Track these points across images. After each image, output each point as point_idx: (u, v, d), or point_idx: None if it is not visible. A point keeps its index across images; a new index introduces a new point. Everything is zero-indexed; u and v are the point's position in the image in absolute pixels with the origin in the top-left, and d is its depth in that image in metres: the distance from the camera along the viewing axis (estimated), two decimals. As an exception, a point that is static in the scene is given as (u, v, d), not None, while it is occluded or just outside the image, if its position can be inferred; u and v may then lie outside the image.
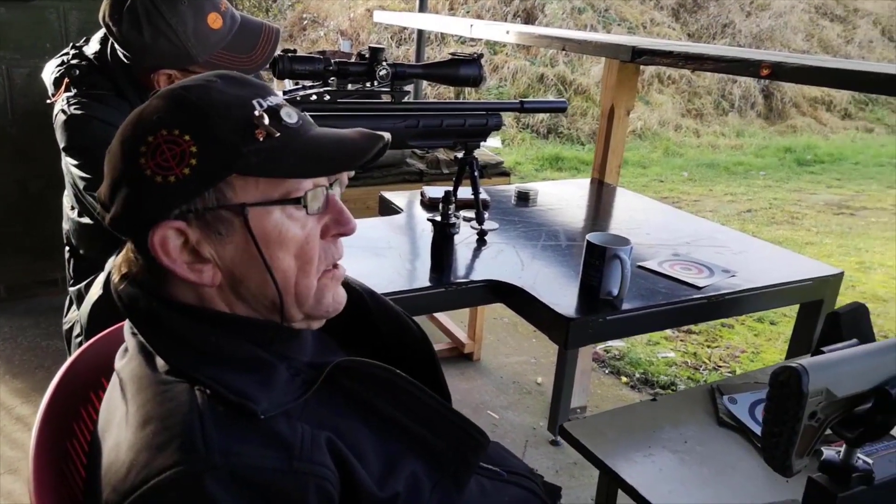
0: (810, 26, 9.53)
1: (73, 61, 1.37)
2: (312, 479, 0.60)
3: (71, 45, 1.42)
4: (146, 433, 0.60)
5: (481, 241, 1.60)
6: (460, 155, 1.57)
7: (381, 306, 0.85)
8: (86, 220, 1.41)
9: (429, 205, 1.85)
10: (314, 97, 1.36)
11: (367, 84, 1.43)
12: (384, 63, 1.41)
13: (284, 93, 1.40)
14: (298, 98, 1.33)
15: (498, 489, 0.84)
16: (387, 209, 1.89)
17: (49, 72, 1.42)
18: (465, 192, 1.66)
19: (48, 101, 1.40)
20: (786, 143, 7.52)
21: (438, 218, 1.43)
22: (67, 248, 1.50)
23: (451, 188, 1.56)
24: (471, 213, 1.65)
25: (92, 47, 1.39)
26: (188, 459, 0.57)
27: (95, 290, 1.31)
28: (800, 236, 4.80)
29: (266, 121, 0.64)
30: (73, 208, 1.44)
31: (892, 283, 3.99)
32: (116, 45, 1.32)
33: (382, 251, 1.53)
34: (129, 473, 0.58)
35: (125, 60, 1.32)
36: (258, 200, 0.65)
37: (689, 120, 7.77)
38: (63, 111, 1.33)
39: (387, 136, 0.70)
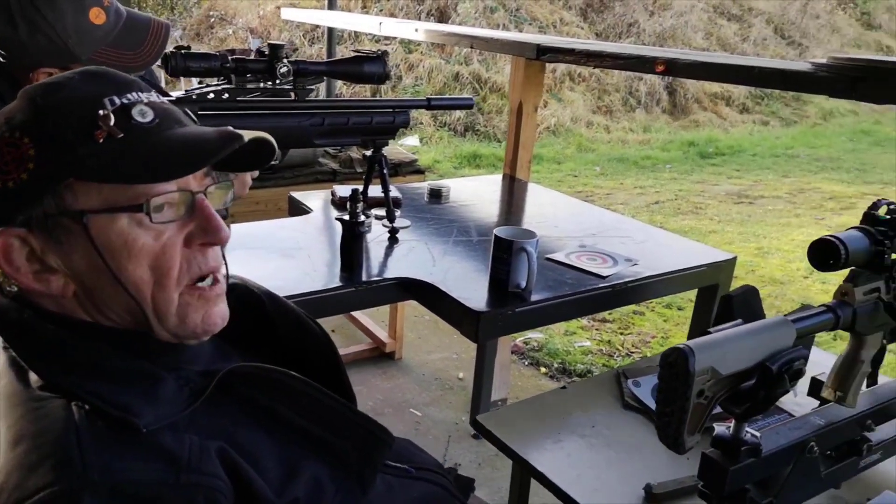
0: (709, 25, 10.03)
1: None
2: (201, 491, 0.58)
3: (-60, 42, 1.32)
4: (17, 453, 0.56)
5: (393, 239, 1.59)
6: (369, 153, 1.56)
7: (281, 309, 0.83)
8: (-36, 230, 1.31)
9: (340, 204, 1.82)
10: (212, 95, 1.32)
11: (269, 82, 1.40)
12: (285, 60, 1.37)
13: (186, 91, 1.34)
14: (194, 97, 1.29)
15: (405, 486, 0.83)
16: (297, 210, 1.85)
17: None
18: (377, 190, 1.64)
19: None
20: (689, 138, 7.89)
21: (347, 217, 1.41)
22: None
23: (360, 187, 1.54)
24: (382, 212, 1.64)
25: (-36, 45, 1.29)
26: (63, 478, 0.54)
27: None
28: (704, 225, 5.04)
29: (111, 121, 0.60)
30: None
31: (788, 267, 4.25)
32: (-10, 43, 1.23)
33: (291, 252, 1.50)
34: (0, 497, 0.54)
35: (0, 59, 1.24)
36: (100, 207, 0.61)
37: (599, 116, 8.02)
38: (-68, 114, 1.23)
39: (254, 134, 0.66)
